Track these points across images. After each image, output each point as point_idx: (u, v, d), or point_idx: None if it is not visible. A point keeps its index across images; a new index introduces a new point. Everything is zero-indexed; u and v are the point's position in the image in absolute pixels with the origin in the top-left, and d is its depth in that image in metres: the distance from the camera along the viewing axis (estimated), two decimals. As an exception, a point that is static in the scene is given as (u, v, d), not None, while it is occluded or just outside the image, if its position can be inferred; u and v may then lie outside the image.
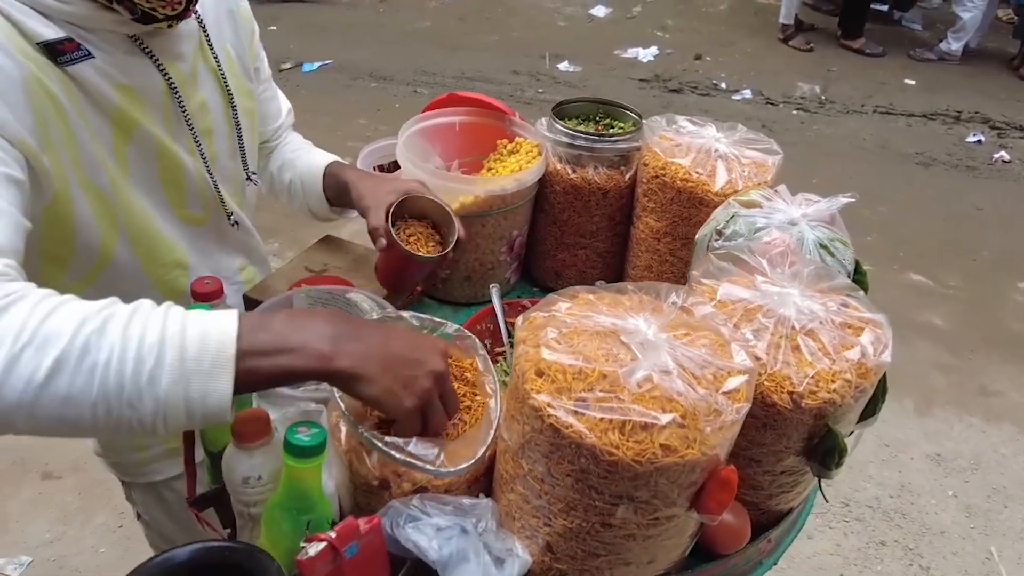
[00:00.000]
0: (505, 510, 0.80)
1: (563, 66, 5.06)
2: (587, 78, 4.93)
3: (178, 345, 0.64)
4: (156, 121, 0.95)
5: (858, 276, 1.02)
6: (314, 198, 1.24)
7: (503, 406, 0.81)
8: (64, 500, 2.26)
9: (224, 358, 0.65)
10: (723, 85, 4.95)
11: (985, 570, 2.20)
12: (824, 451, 0.83)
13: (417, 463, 0.75)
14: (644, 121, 1.27)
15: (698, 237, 1.07)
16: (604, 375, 0.69)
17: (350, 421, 0.78)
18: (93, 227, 0.91)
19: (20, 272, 0.72)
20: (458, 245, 1.12)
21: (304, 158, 1.27)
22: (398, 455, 0.76)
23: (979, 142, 4.49)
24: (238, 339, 0.66)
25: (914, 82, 5.09)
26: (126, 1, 0.85)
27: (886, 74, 5.17)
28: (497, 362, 1.11)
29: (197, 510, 0.84)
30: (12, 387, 0.61)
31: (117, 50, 0.89)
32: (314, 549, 0.66)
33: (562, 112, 1.35)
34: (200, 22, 1.00)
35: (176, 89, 0.96)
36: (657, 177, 1.18)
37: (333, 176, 1.21)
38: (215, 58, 1.03)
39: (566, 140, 1.27)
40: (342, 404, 0.79)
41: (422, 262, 1.11)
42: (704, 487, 0.71)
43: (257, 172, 1.30)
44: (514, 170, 1.28)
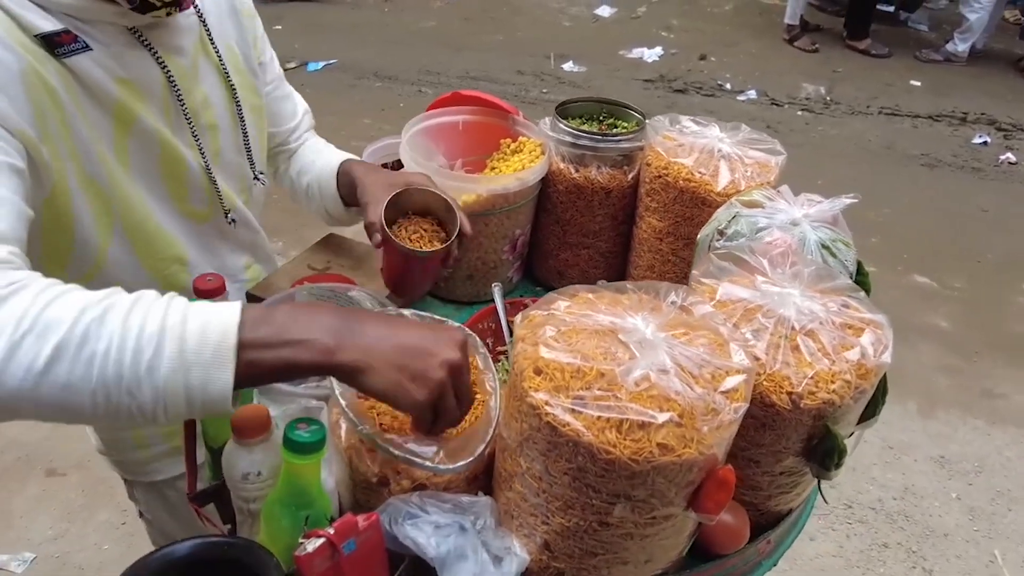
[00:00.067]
0: (504, 508, 0.81)
1: (568, 66, 5.06)
2: (592, 78, 4.92)
3: (178, 336, 0.64)
4: (156, 114, 0.94)
5: (860, 277, 1.02)
6: (330, 199, 1.21)
7: (503, 404, 0.81)
8: (68, 497, 2.27)
9: (225, 349, 0.64)
10: (728, 86, 4.94)
11: (989, 573, 2.19)
12: (823, 452, 0.83)
13: (416, 460, 0.76)
14: (647, 121, 1.27)
15: (700, 237, 1.07)
16: (602, 374, 0.69)
17: (350, 418, 0.78)
18: (90, 221, 0.91)
19: (23, 260, 0.72)
20: (461, 239, 1.08)
21: (321, 159, 1.23)
22: (397, 452, 0.76)
23: (985, 144, 4.47)
24: (240, 330, 0.65)
25: (920, 83, 5.08)
26: None
27: (892, 75, 5.15)
28: (499, 361, 1.11)
29: (198, 506, 0.85)
30: (12, 375, 0.61)
31: (115, 43, 0.89)
32: (312, 545, 0.66)
33: (565, 111, 1.35)
34: (201, 17, 1.00)
35: (175, 82, 0.95)
36: (660, 177, 1.18)
37: (345, 174, 1.18)
38: (217, 53, 1.03)
39: (569, 139, 1.27)
40: (343, 401, 0.80)
41: (423, 260, 1.07)
42: (702, 487, 0.71)
43: (277, 177, 1.29)
44: (517, 169, 1.29)
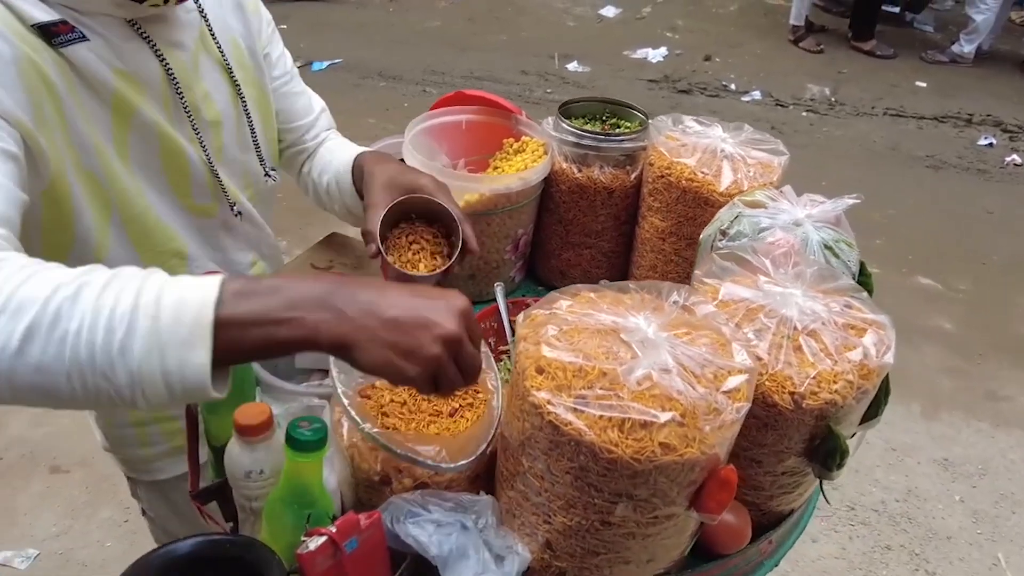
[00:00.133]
0: (506, 507, 0.81)
1: (572, 66, 5.06)
2: (596, 78, 4.92)
3: (151, 314, 0.60)
4: (155, 108, 0.93)
5: (863, 278, 1.01)
6: (348, 195, 1.16)
7: (504, 403, 0.81)
8: (71, 494, 2.27)
9: (201, 327, 0.60)
10: (732, 86, 4.93)
11: (991, 576, 2.19)
12: (826, 452, 0.83)
13: (418, 459, 0.76)
14: (650, 121, 1.27)
15: (702, 237, 1.07)
16: (604, 373, 0.69)
17: (352, 417, 0.78)
18: (89, 215, 0.91)
19: (13, 243, 0.70)
20: (464, 256, 1.02)
21: (338, 156, 1.18)
22: (399, 451, 0.76)
23: (991, 145, 4.46)
24: (217, 307, 0.61)
25: (925, 84, 5.06)
26: None
27: (897, 76, 5.14)
28: (501, 360, 1.11)
29: (200, 504, 0.85)
30: None
31: (113, 35, 0.88)
32: (314, 543, 0.66)
33: (568, 111, 1.35)
34: (202, 13, 0.99)
35: (174, 76, 0.94)
36: (662, 177, 1.18)
37: (359, 168, 1.12)
38: (220, 49, 1.02)
39: (572, 139, 1.27)
40: (345, 400, 0.80)
41: (417, 280, 0.99)
42: (704, 486, 0.71)
43: (300, 180, 1.26)
44: (520, 169, 1.29)
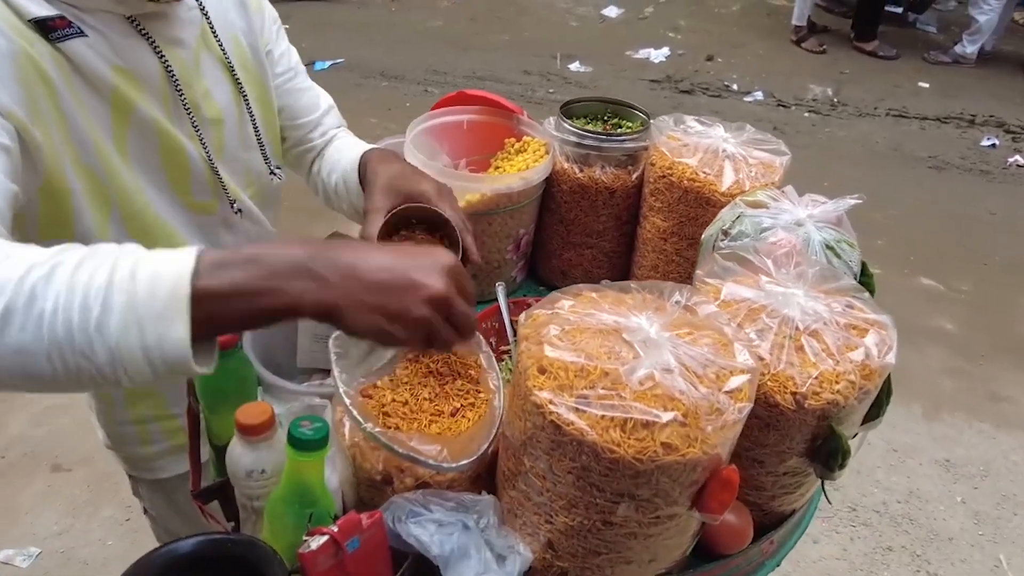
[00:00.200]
0: (507, 507, 0.81)
1: (574, 66, 5.06)
2: (598, 79, 4.92)
3: (126, 289, 0.59)
4: (154, 104, 0.93)
5: (865, 278, 1.01)
6: (355, 195, 1.14)
7: (506, 403, 0.81)
8: (73, 493, 2.28)
9: (178, 300, 0.59)
10: (735, 87, 4.93)
11: (993, 577, 2.19)
12: (827, 452, 0.83)
13: (420, 459, 0.76)
14: (652, 121, 1.27)
15: (704, 237, 1.07)
16: (606, 373, 0.69)
17: (354, 416, 0.78)
18: (88, 213, 0.90)
19: (3, 232, 0.70)
20: (464, 266, 0.96)
21: (346, 155, 1.16)
22: (401, 450, 0.76)
23: (993, 146, 4.45)
24: (194, 278, 0.60)
25: (928, 85, 5.06)
26: None
27: (900, 77, 5.14)
28: (502, 360, 1.11)
29: (201, 503, 0.85)
30: None
31: (112, 31, 0.88)
32: (316, 542, 0.66)
33: (570, 111, 1.35)
34: (203, 10, 0.99)
35: (174, 74, 0.94)
36: (664, 177, 1.18)
37: (364, 165, 1.10)
38: (221, 48, 1.01)
39: (574, 139, 1.27)
40: (347, 400, 0.80)
41: None
42: (706, 486, 0.71)
43: (310, 180, 1.25)
44: (521, 169, 1.29)
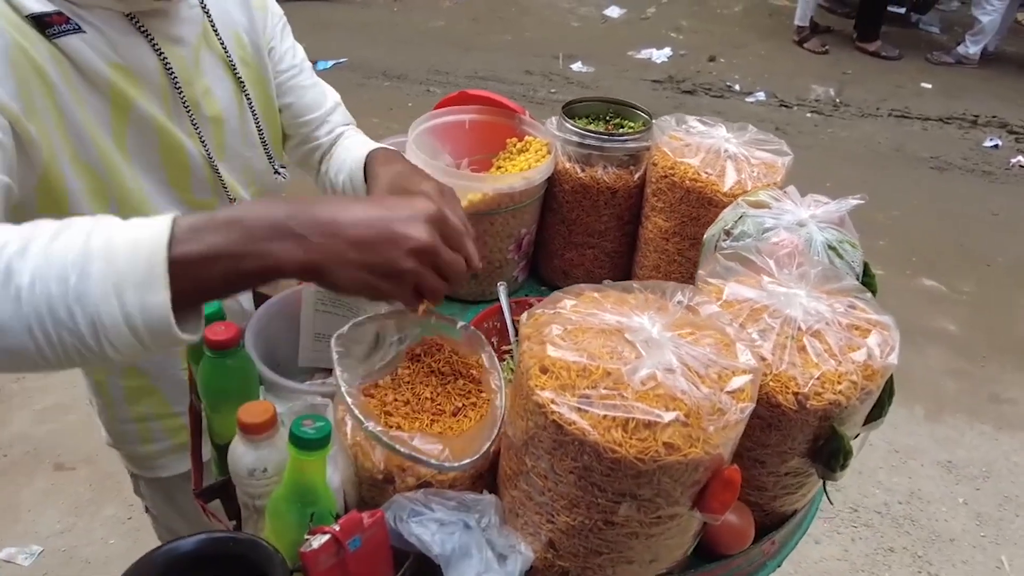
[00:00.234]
0: (509, 506, 0.81)
1: (576, 67, 5.06)
2: (600, 79, 4.92)
3: (103, 257, 0.59)
4: (154, 102, 0.93)
5: (867, 279, 1.01)
6: (361, 194, 1.12)
7: (508, 402, 0.81)
8: (75, 491, 2.28)
9: (156, 265, 0.59)
10: (737, 87, 4.93)
11: (995, 578, 2.19)
12: (829, 453, 0.83)
13: (421, 458, 0.76)
14: (654, 121, 1.27)
15: (706, 237, 1.07)
16: (608, 372, 0.69)
17: (356, 415, 0.78)
18: (87, 206, 0.90)
19: None
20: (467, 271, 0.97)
21: (352, 154, 1.14)
22: (403, 450, 0.76)
23: (996, 147, 4.45)
24: (171, 244, 0.59)
25: (931, 85, 5.05)
26: None
27: (902, 77, 5.13)
28: (504, 360, 1.11)
29: (203, 502, 0.85)
30: None
31: (110, 28, 0.88)
32: (318, 541, 0.66)
33: (572, 111, 1.35)
34: (204, 8, 0.99)
35: (173, 72, 0.94)
36: (666, 177, 1.18)
37: (370, 166, 1.08)
38: (223, 46, 1.01)
39: (576, 139, 1.27)
40: (349, 399, 0.80)
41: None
42: (707, 486, 0.71)
43: (318, 180, 1.25)
44: (523, 168, 1.29)
